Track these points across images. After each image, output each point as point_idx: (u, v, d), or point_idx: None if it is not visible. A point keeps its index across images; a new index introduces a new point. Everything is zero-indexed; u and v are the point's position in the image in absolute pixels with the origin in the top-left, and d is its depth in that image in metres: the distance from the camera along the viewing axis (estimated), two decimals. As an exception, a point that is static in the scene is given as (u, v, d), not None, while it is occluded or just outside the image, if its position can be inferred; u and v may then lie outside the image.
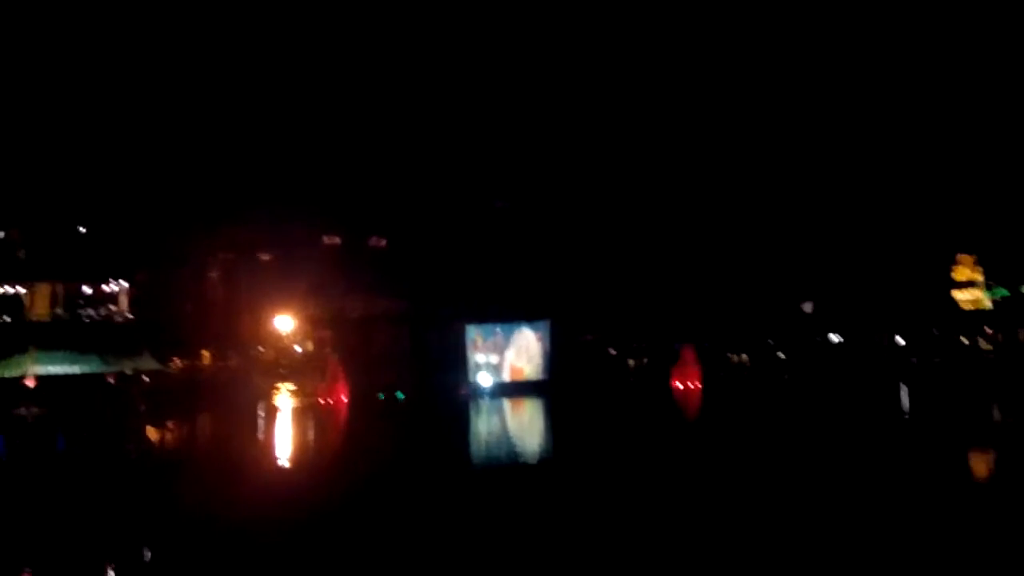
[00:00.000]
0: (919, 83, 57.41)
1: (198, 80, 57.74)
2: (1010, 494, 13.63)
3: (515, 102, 61.92)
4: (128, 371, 35.00)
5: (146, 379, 35.90)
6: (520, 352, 42.57)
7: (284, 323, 54.68)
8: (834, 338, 61.04)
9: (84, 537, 12.53)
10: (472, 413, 33.46)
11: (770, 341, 58.99)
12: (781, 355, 57.44)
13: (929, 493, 13.70)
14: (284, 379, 46.75)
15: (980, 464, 17.69)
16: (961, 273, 64.13)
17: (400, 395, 38.73)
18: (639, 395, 38.52)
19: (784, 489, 14.32)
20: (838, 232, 58.43)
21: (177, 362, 43.39)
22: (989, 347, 55.52)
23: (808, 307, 63.71)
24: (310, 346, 55.66)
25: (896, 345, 57.47)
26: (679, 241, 58.18)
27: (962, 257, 63.91)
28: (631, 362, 56.55)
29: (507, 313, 44.08)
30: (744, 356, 57.83)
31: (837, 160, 59.40)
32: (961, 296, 63.44)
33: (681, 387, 39.17)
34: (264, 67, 62.90)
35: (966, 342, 56.60)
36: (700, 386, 39.11)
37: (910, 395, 34.58)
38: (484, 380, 41.38)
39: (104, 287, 45.93)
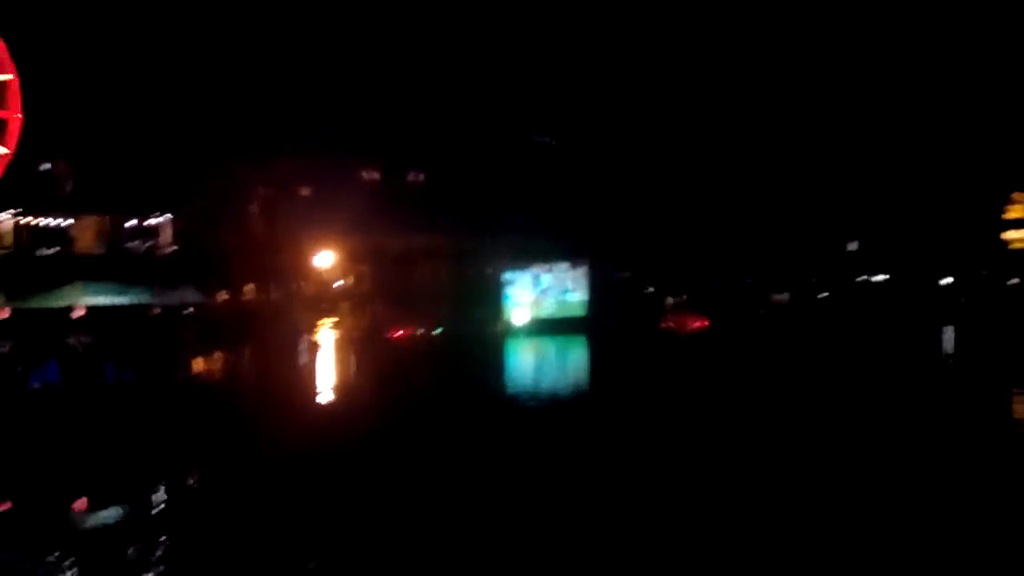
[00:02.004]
0: (971, 26, 54.61)
1: (235, 18, 57.26)
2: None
3: (557, 36, 60.46)
4: (173, 303, 35.93)
5: (190, 310, 36.81)
6: (557, 289, 42.57)
7: (324, 258, 55.26)
8: (879, 278, 59.90)
9: (134, 466, 13.03)
10: (507, 349, 33.76)
11: (813, 280, 58.12)
12: (824, 294, 56.64)
13: (965, 436, 13.52)
14: (325, 314, 47.52)
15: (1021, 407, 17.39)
16: (1015, 211, 62.00)
17: (438, 329, 39.13)
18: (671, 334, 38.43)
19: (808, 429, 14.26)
20: (886, 168, 56.68)
21: (221, 294, 44.27)
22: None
23: (853, 246, 62.38)
24: (350, 281, 56.30)
25: (943, 285, 56.23)
26: (719, 177, 57.01)
27: (1017, 195, 61.67)
28: (669, 300, 56.26)
29: (545, 249, 43.94)
30: (785, 295, 57.14)
31: (885, 94, 57.26)
32: (1013, 235, 61.47)
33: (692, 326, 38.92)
34: (301, 5, 62.10)
35: (1016, 283, 55.13)
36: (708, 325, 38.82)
37: (956, 336, 33.98)
38: (520, 317, 41.56)
39: (149, 220, 46.73)
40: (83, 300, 30.75)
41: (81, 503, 11.20)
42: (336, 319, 46.07)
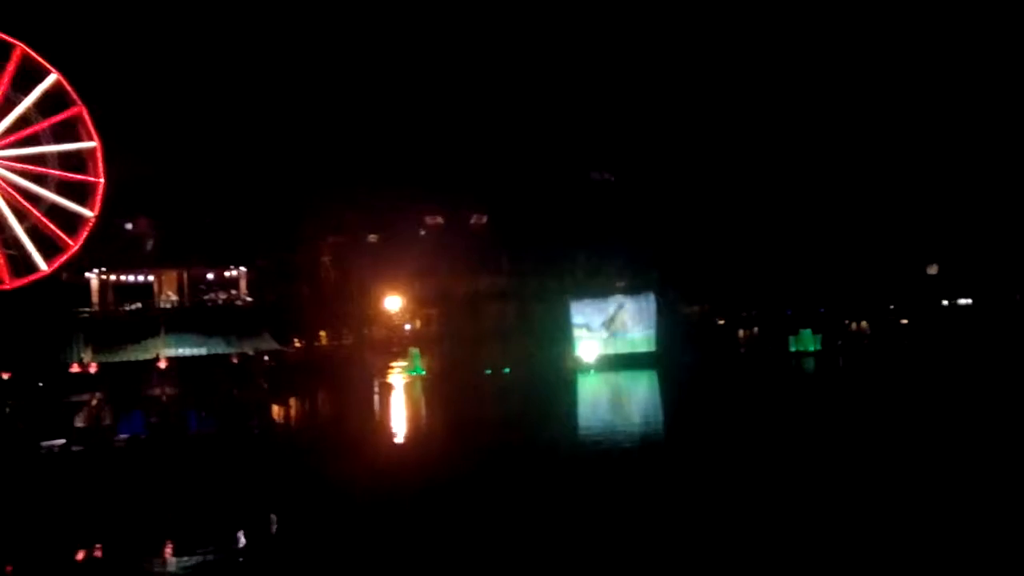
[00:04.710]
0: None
1: (304, 79, 59.52)
2: None
3: (613, 72, 60.77)
4: (250, 351, 36.88)
5: (267, 358, 37.70)
6: (625, 325, 42.11)
7: (393, 303, 56.03)
8: (963, 301, 57.39)
9: (217, 511, 13.29)
10: (577, 387, 33.43)
11: (892, 306, 56.03)
12: (904, 321, 54.54)
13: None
14: (395, 357, 47.97)
15: None
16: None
17: (506, 370, 39.04)
18: (749, 367, 37.49)
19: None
20: (967, 186, 54.42)
21: (296, 342, 45.19)
22: None
23: (933, 269, 59.99)
24: (419, 324, 56.82)
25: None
26: (790, 202, 55.70)
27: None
28: (741, 332, 55.02)
29: (611, 286, 43.62)
30: (863, 323, 55.24)
31: (962, 110, 55.39)
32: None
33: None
34: (362, 62, 64.13)
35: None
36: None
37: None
38: (589, 353, 41.17)
39: (227, 273, 48.17)
40: (166, 352, 31.91)
41: (166, 550, 11.45)
42: (406, 362, 46.49)
